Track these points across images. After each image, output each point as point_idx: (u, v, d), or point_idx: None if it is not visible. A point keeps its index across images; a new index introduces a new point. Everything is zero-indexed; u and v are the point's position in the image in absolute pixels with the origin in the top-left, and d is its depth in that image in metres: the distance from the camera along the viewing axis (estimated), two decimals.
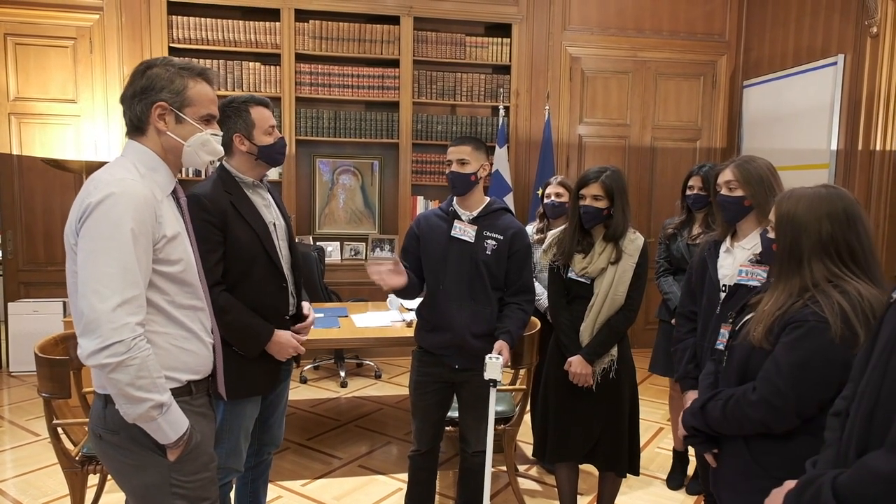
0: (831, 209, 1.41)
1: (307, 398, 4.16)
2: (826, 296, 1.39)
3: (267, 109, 2.04)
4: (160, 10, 4.44)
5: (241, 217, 1.96)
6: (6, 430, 3.58)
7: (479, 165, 2.23)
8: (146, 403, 1.30)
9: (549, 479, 3.00)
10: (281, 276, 2.04)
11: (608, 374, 2.27)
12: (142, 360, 1.28)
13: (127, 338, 1.26)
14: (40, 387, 2.23)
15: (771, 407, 1.40)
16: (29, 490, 2.89)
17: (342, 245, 4.98)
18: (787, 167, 4.43)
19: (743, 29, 5.19)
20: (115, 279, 1.27)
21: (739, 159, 2.02)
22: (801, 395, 1.38)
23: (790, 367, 1.38)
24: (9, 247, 4.55)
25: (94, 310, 1.25)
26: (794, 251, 1.44)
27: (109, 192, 1.29)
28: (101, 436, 1.41)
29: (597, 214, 2.22)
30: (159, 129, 1.41)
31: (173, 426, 1.36)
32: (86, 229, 1.29)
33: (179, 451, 1.40)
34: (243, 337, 1.94)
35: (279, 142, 2.04)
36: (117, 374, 1.27)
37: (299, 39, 4.63)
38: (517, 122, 5.00)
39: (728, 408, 1.49)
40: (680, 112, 5.27)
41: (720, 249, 2.05)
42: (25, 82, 4.43)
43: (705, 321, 1.99)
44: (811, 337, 1.37)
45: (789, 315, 1.42)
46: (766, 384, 1.42)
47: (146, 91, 1.39)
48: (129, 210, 1.29)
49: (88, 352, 1.26)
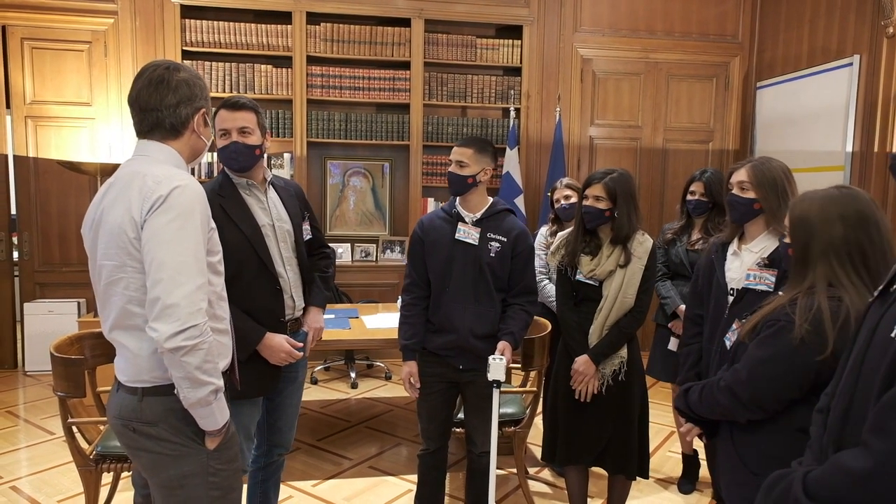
0: (844, 211, 1.41)
1: (318, 399, 4.17)
2: (810, 298, 1.41)
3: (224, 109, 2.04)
4: (174, 14, 4.48)
5: (230, 219, 1.96)
6: (22, 429, 3.62)
7: (479, 169, 2.22)
8: (208, 387, 1.36)
9: (560, 482, 2.99)
10: (274, 279, 2.03)
11: (617, 377, 2.26)
12: (209, 345, 1.35)
13: (200, 322, 1.33)
14: (55, 386, 2.26)
15: (731, 394, 1.51)
16: (44, 488, 2.92)
17: (353, 247, 5.00)
18: (802, 169, 4.39)
19: (756, 30, 5.15)
20: (189, 266, 1.34)
21: (756, 160, 1.99)
22: (756, 388, 1.46)
23: (753, 360, 1.47)
24: (25, 248, 4.61)
25: (171, 295, 1.31)
26: (805, 254, 1.45)
27: (177, 184, 1.37)
28: (135, 429, 1.44)
29: (598, 215, 2.22)
30: (196, 131, 1.51)
31: (222, 412, 1.43)
32: (156, 219, 1.34)
33: (220, 439, 1.45)
34: None
35: (230, 146, 2.00)
36: (190, 356, 1.32)
37: (311, 42, 4.66)
38: (528, 123, 5.00)
39: (703, 392, 1.61)
40: (692, 114, 5.24)
41: (727, 252, 2.03)
42: (42, 86, 4.49)
43: (713, 325, 1.97)
44: (778, 336, 1.43)
45: (771, 314, 1.48)
46: (732, 373, 1.52)
47: (192, 98, 1.48)
48: (196, 202, 1.38)
49: (167, 335, 1.30)
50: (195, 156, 1.56)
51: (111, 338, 1.47)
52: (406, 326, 2.31)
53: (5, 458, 3.24)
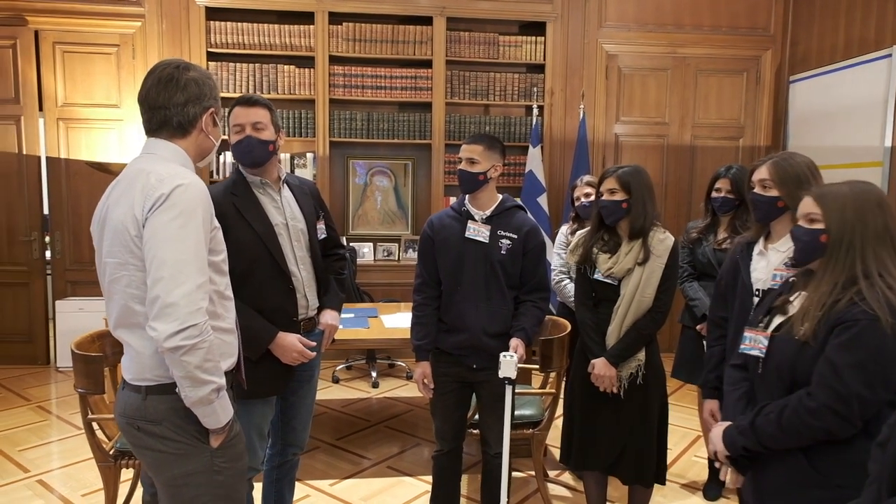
0: (879, 198, 1.44)
1: (338, 398, 4.18)
2: (872, 290, 1.35)
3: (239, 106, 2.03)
4: (199, 17, 4.54)
5: (243, 218, 1.96)
6: (52, 424, 3.71)
7: (490, 165, 2.19)
8: (209, 386, 1.35)
9: (580, 486, 2.93)
10: (287, 278, 2.03)
11: (635, 380, 2.20)
12: (210, 344, 1.34)
13: (200, 321, 1.32)
14: (76, 382, 2.30)
15: (834, 413, 1.35)
16: (69, 482, 2.98)
17: (375, 246, 5.00)
18: (838, 165, 4.23)
19: (789, 22, 4.98)
20: (189, 265, 1.33)
21: (778, 156, 1.92)
22: (863, 398, 1.33)
23: (848, 369, 1.33)
24: (57, 247, 4.73)
25: (170, 294, 1.30)
26: (849, 241, 1.40)
27: (179, 182, 1.36)
28: (139, 427, 1.44)
29: (615, 208, 2.17)
30: (204, 130, 1.50)
31: (225, 410, 1.42)
32: (158, 218, 1.34)
33: (223, 437, 1.44)
34: (243, 338, 1.90)
35: (244, 140, 1.99)
36: (189, 356, 1.31)
37: (333, 42, 4.67)
38: (551, 121, 4.93)
39: (784, 420, 1.40)
40: (721, 109, 5.10)
41: (753, 252, 1.95)
42: (73, 89, 4.60)
43: (738, 327, 1.88)
44: (865, 335, 1.33)
45: (836, 314, 1.37)
46: (824, 390, 1.36)
47: (201, 98, 1.48)
48: (198, 200, 1.37)
49: (166, 334, 1.29)
50: (203, 155, 1.55)
51: (117, 335, 1.47)
52: (418, 327, 2.28)
53: (34, 451, 3.32)
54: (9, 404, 3.99)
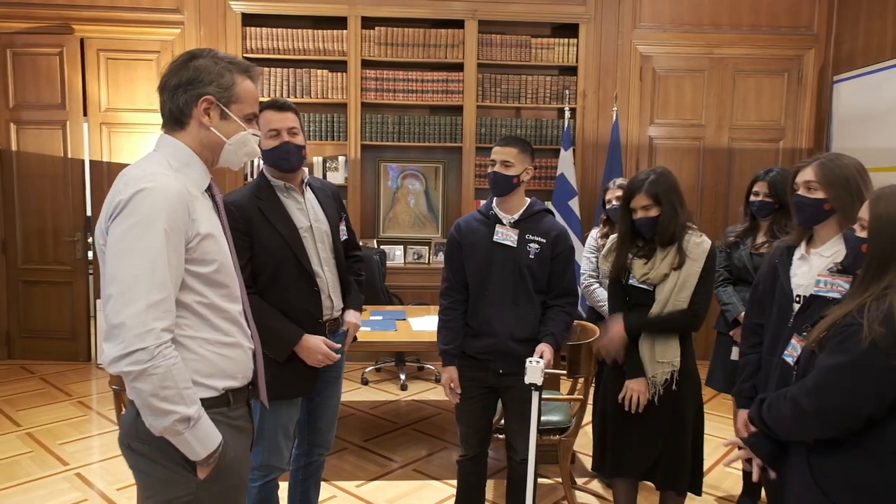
0: None
1: (367, 400, 4.20)
2: (881, 301, 1.29)
3: (271, 110, 2.03)
4: (235, 23, 4.64)
5: (269, 222, 1.98)
6: (92, 419, 3.83)
7: (522, 168, 2.17)
8: (171, 416, 1.21)
9: (608, 495, 2.88)
10: (312, 280, 2.04)
11: (670, 387, 2.15)
12: (166, 370, 1.20)
13: (150, 345, 1.18)
14: (111, 380, 2.36)
15: (796, 406, 1.39)
16: (105, 476, 3.07)
17: (406, 249, 5.01)
18: (885, 168, 4.06)
19: (834, 20, 4.81)
20: (141, 281, 1.19)
21: (824, 157, 1.83)
22: (823, 398, 1.34)
23: (822, 369, 1.37)
24: None
25: (118, 313, 1.18)
26: (887, 254, 1.33)
27: (141, 187, 1.22)
28: (130, 446, 1.33)
29: (652, 224, 2.13)
30: (203, 123, 1.34)
31: (203, 441, 1.27)
32: (115, 228, 1.22)
33: (210, 469, 1.31)
34: (269, 340, 1.89)
35: (282, 146, 2.00)
36: (140, 383, 1.19)
37: (365, 46, 4.71)
38: (584, 124, 4.87)
39: (771, 403, 1.49)
40: (761, 111, 4.96)
41: (794, 256, 1.87)
42: (116, 94, 4.75)
43: (775, 334, 1.82)
44: (849, 340, 1.31)
45: (842, 320, 1.35)
46: (800, 384, 1.42)
47: (192, 83, 1.32)
48: (161, 207, 1.22)
49: (111, 358, 1.18)
50: (211, 151, 1.37)
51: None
52: (445, 331, 2.27)
53: (74, 445, 3.43)
54: (51, 399, 4.14)
